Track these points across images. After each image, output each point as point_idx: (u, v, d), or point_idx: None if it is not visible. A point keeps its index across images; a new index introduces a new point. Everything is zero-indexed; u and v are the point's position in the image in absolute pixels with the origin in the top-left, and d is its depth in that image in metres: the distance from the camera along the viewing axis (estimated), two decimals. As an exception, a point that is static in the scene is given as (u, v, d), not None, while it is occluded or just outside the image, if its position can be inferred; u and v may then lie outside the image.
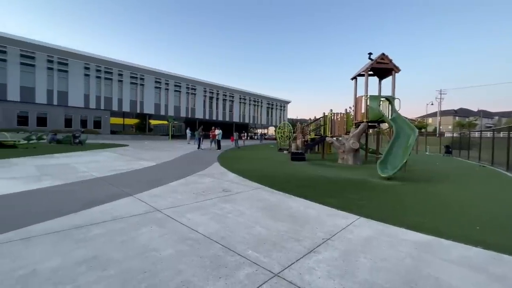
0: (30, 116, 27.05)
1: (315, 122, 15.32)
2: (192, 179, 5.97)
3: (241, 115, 50.53)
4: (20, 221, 2.87)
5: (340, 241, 2.61)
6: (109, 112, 33.05)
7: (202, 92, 43.21)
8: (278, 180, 6.17)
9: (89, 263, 2.01)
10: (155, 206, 3.62)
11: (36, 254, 2.13)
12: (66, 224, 2.81)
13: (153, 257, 2.15)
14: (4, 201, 3.68)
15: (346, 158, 10.40)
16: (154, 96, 37.13)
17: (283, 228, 2.93)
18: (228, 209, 3.60)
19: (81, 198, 3.92)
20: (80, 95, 30.25)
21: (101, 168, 7.10)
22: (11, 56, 25.50)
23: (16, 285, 1.70)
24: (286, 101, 61.66)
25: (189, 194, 4.42)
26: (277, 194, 4.66)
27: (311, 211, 3.66)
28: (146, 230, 2.73)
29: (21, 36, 26.03)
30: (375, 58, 10.08)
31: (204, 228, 2.86)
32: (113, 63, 32.47)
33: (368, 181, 6.32)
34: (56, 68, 28.31)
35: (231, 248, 2.38)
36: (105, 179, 5.57)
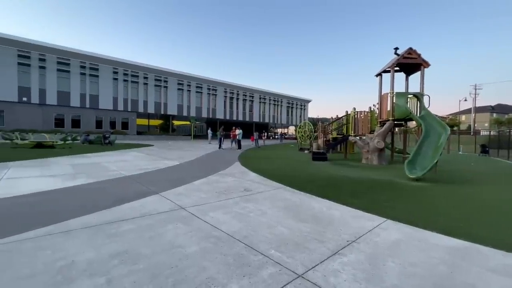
0: (65, 119, 29.18)
1: (337, 121, 14.94)
2: (214, 178, 6.09)
3: (261, 114, 50.61)
4: (60, 215, 3.10)
5: (366, 244, 2.52)
6: (136, 114, 34.69)
7: (222, 93, 43.89)
8: (299, 180, 6.10)
9: (120, 257, 2.12)
10: (179, 204, 3.74)
11: (74, 247, 2.29)
12: (99, 220, 3.00)
13: (179, 253, 2.22)
14: (46, 196, 4.00)
15: (370, 158, 10.03)
16: (177, 97, 38.35)
17: (306, 229, 2.89)
18: (250, 208, 3.63)
19: (112, 195, 4.16)
20: (109, 98, 32.07)
21: (129, 167, 7.48)
22: (49, 63, 27.68)
23: (57, 275, 1.85)
24: (307, 100, 60.74)
25: (212, 193, 4.51)
26: (299, 194, 4.61)
27: (334, 212, 3.58)
28: (172, 227, 2.83)
29: (58, 45, 28.13)
30: (402, 53, 9.60)
31: (227, 226, 2.90)
32: (139, 67, 34.02)
33: (394, 182, 6.04)
34: (88, 74, 30.25)
35: (254, 247, 2.39)
36: (133, 177, 5.85)
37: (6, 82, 25.60)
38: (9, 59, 25.60)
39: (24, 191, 4.24)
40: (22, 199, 3.80)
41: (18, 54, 26.03)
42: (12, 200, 3.75)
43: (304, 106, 60.27)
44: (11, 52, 25.70)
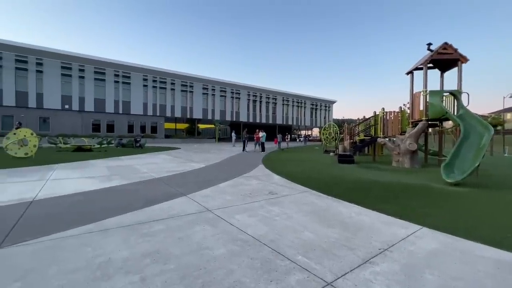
0: (101, 124, 31.43)
1: (365, 122, 14.36)
2: (239, 180, 6.15)
3: (284, 116, 50.34)
4: (98, 215, 3.33)
5: (400, 253, 2.38)
6: (164, 118, 36.34)
7: (246, 96, 44.41)
8: (325, 183, 5.94)
9: (152, 257, 2.22)
10: (206, 206, 3.83)
11: (110, 245, 2.44)
12: (133, 219, 3.17)
13: (207, 255, 2.26)
14: (85, 197, 4.33)
15: (401, 160, 9.48)
16: (202, 101, 39.54)
17: (334, 235, 2.80)
18: (275, 212, 3.60)
19: (144, 197, 4.37)
20: (140, 104, 33.98)
21: (159, 169, 7.83)
22: (88, 73, 30.07)
23: (97, 271, 1.97)
24: (331, 101, 59.26)
25: (237, 196, 4.56)
26: (325, 198, 4.49)
27: (364, 218, 3.42)
28: (200, 229, 2.90)
29: (95, 56, 30.47)
30: (436, 48, 9.00)
31: (253, 230, 2.91)
32: (166, 73, 35.65)
33: (430, 187, 5.64)
34: (121, 81, 32.36)
35: (281, 252, 2.37)
36: (162, 179, 6.11)
37: (52, 92, 28.27)
38: (54, 70, 28.27)
39: (67, 192, 4.62)
40: (65, 199, 4.14)
41: (61, 66, 28.63)
42: (57, 199, 4.11)
43: (329, 107, 58.85)
44: (56, 64, 28.35)
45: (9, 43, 25.91)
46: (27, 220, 3.10)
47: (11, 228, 2.81)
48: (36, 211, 3.46)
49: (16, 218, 3.14)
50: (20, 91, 26.86)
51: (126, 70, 32.54)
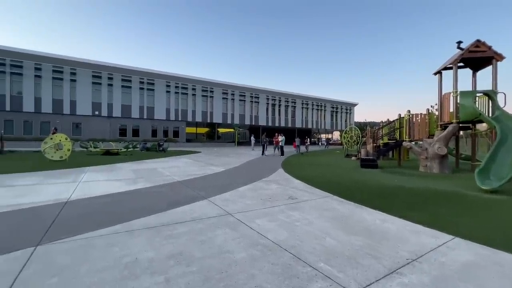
0: (127, 128, 33.05)
1: (389, 125, 13.81)
2: (259, 185, 6.16)
3: (303, 120, 49.82)
4: (125, 216, 3.49)
5: (430, 264, 2.24)
6: (185, 123, 37.46)
7: (264, 100, 44.57)
8: (347, 188, 5.77)
9: (176, 258, 2.28)
10: (227, 210, 3.87)
11: (137, 245, 2.55)
12: (157, 221, 3.28)
13: (228, 259, 2.29)
14: (113, 198, 4.56)
15: (430, 165, 8.97)
16: (222, 106, 40.27)
17: (357, 242, 2.70)
18: (295, 217, 3.56)
19: (167, 199, 4.52)
20: (163, 109, 35.32)
21: (180, 172, 8.06)
22: (115, 81, 31.86)
23: (125, 270, 2.07)
24: (353, 104, 57.71)
25: (257, 200, 4.56)
26: (348, 204, 4.36)
27: (389, 225, 3.28)
28: (221, 232, 2.94)
29: (123, 64, 32.25)
30: (467, 46, 8.48)
31: (273, 235, 2.89)
32: (188, 79, 36.81)
33: (462, 194, 5.27)
34: (146, 88, 33.89)
35: (302, 258, 2.33)
36: (184, 182, 6.29)
37: (83, 99, 30.28)
38: (86, 79, 30.31)
39: (97, 193, 4.90)
40: (95, 200, 4.39)
41: (92, 74, 30.62)
42: (88, 200, 4.37)
43: (350, 110, 57.34)
44: (88, 73, 30.38)
45: (47, 55, 28.22)
46: (62, 219, 3.32)
47: (49, 226, 3.03)
48: (70, 211, 3.71)
49: (53, 217, 3.39)
50: (56, 99, 29.07)
51: (151, 77, 34.08)
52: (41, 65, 28.05)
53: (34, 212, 3.62)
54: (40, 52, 27.98)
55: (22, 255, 2.29)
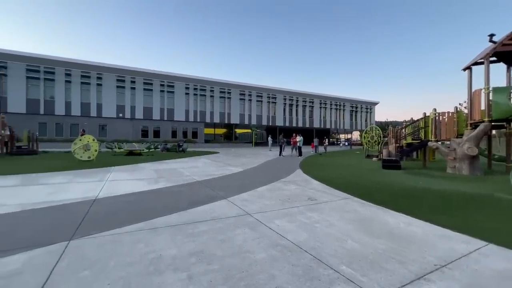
0: (149, 130, 34.28)
1: (413, 124, 13.21)
2: (277, 185, 6.14)
3: (321, 120, 48.97)
4: (148, 214, 3.63)
5: (461, 271, 2.12)
6: (203, 124, 38.19)
7: (282, 100, 44.35)
8: (368, 190, 5.60)
9: (197, 256, 2.34)
10: (246, 210, 3.90)
11: (160, 243, 2.64)
12: (179, 220, 3.38)
13: (249, 259, 2.30)
14: (136, 197, 4.75)
15: (458, 166, 8.47)
16: (239, 107, 40.61)
17: (381, 246, 2.62)
18: (315, 219, 3.51)
19: (188, 198, 4.64)
20: (182, 110, 36.26)
21: (200, 172, 8.23)
22: (138, 84, 33.18)
23: (150, 266, 2.15)
24: (373, 103, 55.85)
25: (276, 200, 4.55)
26: (370, 206, 4.23)
27: (415, 229, 3.14)
28: (240, 232, 2.97)
29: (145, 68, 33.54)
30: (501, 39, 7.92)
31: (293, 236, 2.87)
32: (206, 81, 37.51)
33: (496, 198, 4.92)
34: (166, 90, 34.98)
35: (323, 260, 2.29)
36: (203, 182, 6.41)
37: (109, 102, 31.84)
38: (111, 83, 31.84)
39: (122, 192, 5.13)
40: (120, 198, 4.60)
41: (116, 78, 32.12)
42: (114, 199, 4.59)
43: (370, 109, 55.52)
44: (112, 77, 31.90)
45: (76, 61, 30.00)
46: (92, 216, 3.52)
47: (80, 222, 3.23)
48: (98, 208, 3.91)
49: (83, 214, 3.60)
50: (84, 102, 30.81)
51: (171, 80, 35.15)
52: (71, 71, 29.87)
53: (66, 209, 3.86)
54: (69, 58, 29.81)
55: (57, 248, 2.46)
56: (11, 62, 27.21)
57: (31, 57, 28.01)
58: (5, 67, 27.06)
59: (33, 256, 2.28)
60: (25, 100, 28.09)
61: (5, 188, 5.38)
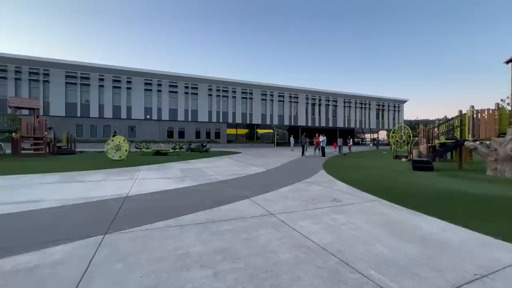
0: (174, 131, 35.58)
1: (447, 122, 12.35)
2: (300, 186, 6.07)
3: (345, 119, 47.50)
4: (175, 211, 3.77)
5: (506, 283, 1.94)
6: (226, 124, 38.82)
7: (304, 100, 43.73)
8: (397, 192, 5.33)
9: (223, 254, 2.38)
10: (269, 210, 3.90)
11: (187, 239, 2.73)
12: (204, 218, 3.47)
13: (273, 258, 2.30)
14: (164, 195, 4.96)
15: (500, 168, 7.76)
16: (261, 107, 40.70)
17: (413, 252, 2.48)
18: (341, 221, 3.41)
19: (212, 197, 4.74)
20: (205, 112, 37.16)
21: (223, 172, 8.38)
22: (164, 87, 34.59)
23: (178, 261, 2.23)
24: (402, 100, 53.05)
25: (299, 201, 4.50)
26: (399, 210, 4.02)
27: (451, 235, 2.93)
28: (264, 232, 2.98)
29: (170, 71, 34.88)
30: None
31: (318, 237, 2.82)
32: (228, 82, 38.10)
33: (546, 203, 4.44)
34: (190, 92, 36.06)
35: (350, 263, 2.22)
36: (226, 182, 6.52)
37: (137, 105, 33.56)
38: (139, 86, 33.53)
39: (150, 190, 5.38)
40: (149, 196, 4.83)
41: (144, 82, 33.75)
42: (143, 196, 4.83)
43: (399, 108, 52.77)
44: (140, 81, 33.58)
45: (108, 66, 32.01)
46: (124, 212, 3.73)
47: (113, 218, 3.44)
48: (129, 205, 4.14)
49: (116, 210, 3.83)
50: (115, 105, 32.77)
51: (194, 82, 36.20)
52: (104, 76, 31.93)
53: (101, 205, 4.14)
54: (103, 64, 31.91)
55: (94, 241, 2.64)
56: (53, 69, 29.73)
57: (69, 64, 30.39)
58: (47, 74, 29.63)
59: (74, 248, 2.48)
60: (64, 104, 30.53)
61: (49, 184, 5.88)
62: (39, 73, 29.29)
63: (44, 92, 29.64)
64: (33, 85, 29.30)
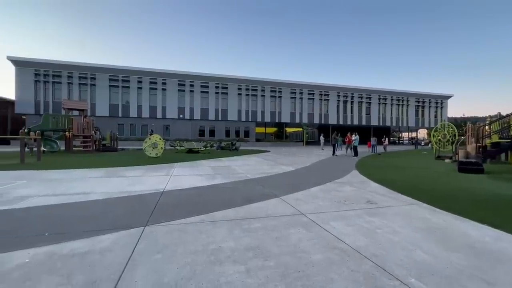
0: (205, 129, 36.81)
1: (501, 120, 11.04)
2: (331, 186, 5.89)
3: (380, 117, 44.89)
4: (207, 207, 3.91)
5: None
6: (255, 123, 39.08)
7: (335, 97, 42.24)
8: (440, 195, 4.91)
9: (254, 251, 2.42)
10: (299, 210, 3.86)
11: (219, 235, 2.81)
12: (235, 215, 3.55)
13: (304, 259, 2.27)
14: (197, 191, 5.17)
15: None
16: (290, 105, 40.23)
17: (460, 261, 2.27)
18: (376, 224, 3.25)
19: (242, 195, 4.83)
20: (235, 111, 37.81)
21: (252, 170, 8.47)
22: (196, 87, 35.95)
23: (211, 255, 2.32)
24: (445, 96, 48.59)
25: (331, 202, 4.38)
26: (443, 214, 3.70)
27: (506, 245, 2.62)
28: (295, 231, 2.95)
29: (201, 72, 36.12)
30: None
31: (351, 240, 2.72)
32: (257, 81, 38.29)
33: None
34: (220, 92, 36.98)
35: (387, 269, 2.11)
36: (256, 180, 6.58)
37: (171, 105, 35.34)
38: (173, 87, 35.27)
39: (184, 186, 5.64)
40: (183, 192, 5.07)
41: (178, 83, 35.41)
42: (178, 191, 5.08)
43: (442, 104, 48.39)
44: (175, 82, 35.29)
45: (145, 69, 34.18)
46: (161, 206, 3.97)
47: (152, 211, 3.68)
48: (166, 199, 4.39)
49: (154, 203, 4.09)
50: (152, 105, 34.90)
51: (224, 82, 37.04)
52: (142, 78, 34.17)
53: (141, 199, 4.45)
54: (141, 68, 34.15)
55: (136, 232, 2.85)
56: (98, 73, 32.60)
57: (112, 68, 33.04)
58: (94, 78, 32.57)
59: (119, 237, 2.70)
60: (108, 105, 33.30)
61: (96, 178, 6.48)
62: (87, 77, 32.32)
63: (91, 94, 32.62)
64: (82, 88, 32.43)
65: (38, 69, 30.66)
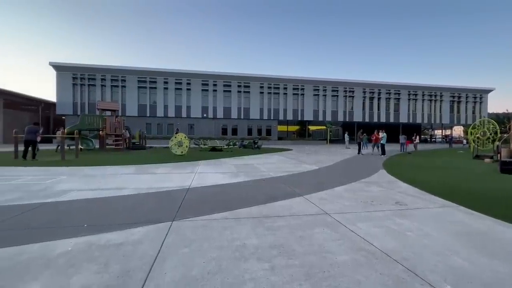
0: (228, 128, 37.42)
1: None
2: (357, 186, 5.70)
3: (410, 114, 42.50)
4: (231, 204, 3.99)
5: None
6: (277, 121, 38.95)
7: (361, 94, 40.70)
8: (479, 198, 4.54)
9: (278, 249, 2.42)
10: (323, 209, 3.79)
11: (243, 232, 2.86)
12: (258, 212, 3.58)
13: (330, 259, 2.23)
14: (220, 188, 5.28)
15: None
16: (313, 103, 39.51)
17: (502, 269, 2.09)
18: (406, 226, 3.09)
19: (265, 193, 4.85)
20: (257, 109, 37.95)
21: (275, 168, 8.46)
22: (219, 86, 36.62)
23: (236, 252, 2.36)
24: (485, 90, 44.69)
25: (356, 202, 4.24)
26: (482, 218, 3.42)
27: (558, 255, 2.36)
28: (319, 231, 2.91)
29: (223, 71, 36.73)
30: None
31: (379, 242, 2.62)
32: (279, 79, 38.08)
33: None
34: (243, 91, 37.31)
35: (419, 274, 2.00)
36: (278, 178, 6.57)
37: (195, 104, 36.37)
38: (197, 87, 36.25)
39: (209, 183, 5.79)
40: (208, 189, 5.21)
41: (201, 83, 36.31)
42: (203, 188, 5.23)
43: (481, 99, 44.57)
44: (198, 82, 36.25)
45: (170, 70, 35.48)
46: (187, 202, 4.12)
47: (179, 207, 3.83)
48: (191, 196, 4.55)
49: (181, 199, 4.25)
50: (177, 105, 36.18)
51: (246, 81, 37.31)
52: (168, 79, 35.54)
53: (168, 195, 4.65)
54: (166, 69, 35.54)
55: (164, 226, 2.99)
56: (128, 76, 34.47)
57: (140, 70, 34.76)
58: (124, 80, 34.50)
59: (149, 231, 2.85)
60: (137, 105, 35.12)
61: (126, 175, 6.88)
62: (118, 79, 34.33)
63: (122, 95, 34.60)
64: (114, 90, 34.52)
65: (76, 73, 33.16)
